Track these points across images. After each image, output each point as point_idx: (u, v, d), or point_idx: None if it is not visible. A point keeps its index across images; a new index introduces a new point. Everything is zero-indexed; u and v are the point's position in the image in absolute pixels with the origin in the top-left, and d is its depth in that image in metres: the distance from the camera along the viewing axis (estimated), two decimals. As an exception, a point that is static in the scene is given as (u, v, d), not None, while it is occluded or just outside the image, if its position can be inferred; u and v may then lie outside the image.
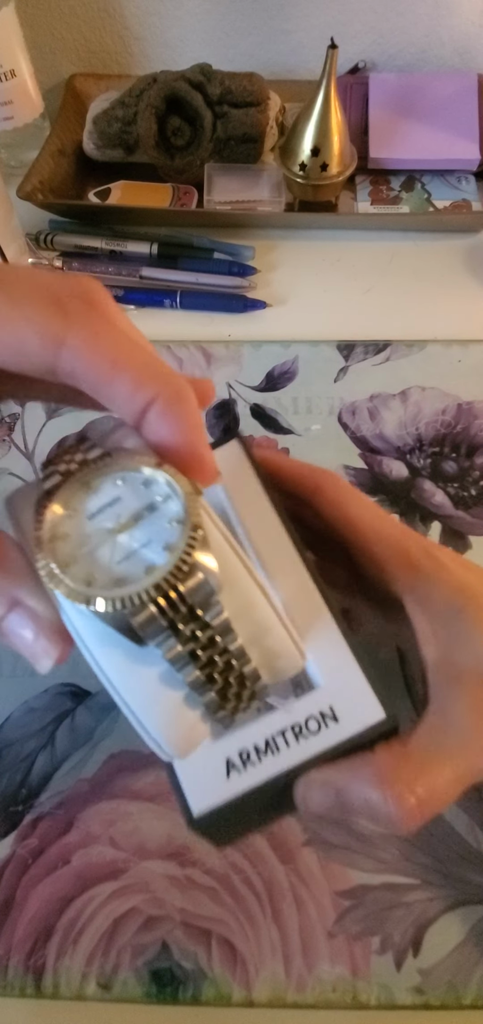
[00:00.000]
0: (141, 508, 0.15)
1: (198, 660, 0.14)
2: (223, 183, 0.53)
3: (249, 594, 0.15)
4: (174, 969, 0.26)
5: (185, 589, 0.14)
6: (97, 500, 0.15)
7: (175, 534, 0.14)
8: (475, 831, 0.28)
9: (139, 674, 0.15)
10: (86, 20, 0.59)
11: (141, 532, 0.14)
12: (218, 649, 0.14)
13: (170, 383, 0.15)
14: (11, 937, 0.27)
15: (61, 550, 0.14)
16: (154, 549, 0.14)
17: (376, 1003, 0.26)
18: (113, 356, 0.14)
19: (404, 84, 0.55)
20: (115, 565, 0.14)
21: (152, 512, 0.15)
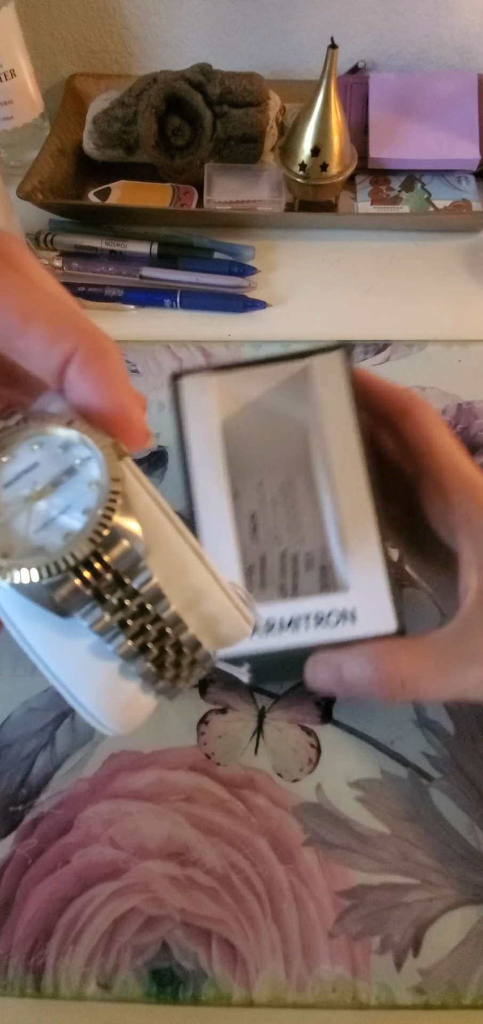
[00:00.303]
0: (59, 473, 0.14)
1: (128, 629, 0.13)
2: (223, 183, 0.53)
3: (181, 558, 0.14)
4: (174, 969, 0.26)
5: (108, 555, 0.13)
6: (13, 467, 0.14)
7: (94, 497, 0.13)
8: (475, 831, 0.28)
9: (69, 647, 0.14)
10: (86, 20, 0.59)
11: (60, 498, 0.14)
12: (150, 617, 0.14)
13: (89, 335, 0.14)
14: (11, 937, 0.27)
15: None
16: (73, 515, 0.13)
17: (376, 1003, 0.26)
18: (23, 307, 0.13)
19: (404, 84, 0.55)
20: (32, 534, 0.13)
21: (71, 476, 0.14)
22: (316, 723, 0.31)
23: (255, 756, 0.30)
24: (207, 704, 0.32)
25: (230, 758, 0.30)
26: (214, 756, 0.30)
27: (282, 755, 0.30)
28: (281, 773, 0.30)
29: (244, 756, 0.30)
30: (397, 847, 0.28)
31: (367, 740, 0.31)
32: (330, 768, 0.30)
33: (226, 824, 0.29)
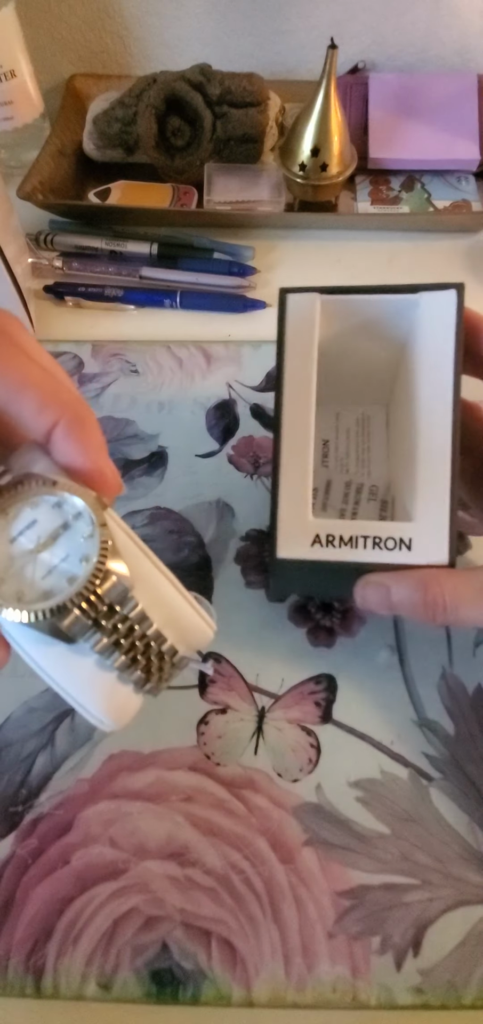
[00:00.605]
0: (56, 527, 0.17)
1: (121, 647, 0.17)
2: (223, 183, 0.53)
3: (159, 586, 0.18)
4: (174, 969, 0.26)
5: (103, 591, 0.16)
6: (16, 525, 0.17)
7: (89, 547, 0.17)
8: (475, 831, 0.28)
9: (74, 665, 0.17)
10: (86, 20, 0.59)
11: (59, 548, 0.17)
12: (137, 635, 0.17)
13: (72, 407, 0.17)
14: (11, 937, 0.27)
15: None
16: (72, 562, 0.17)
17: (376, 1003, 0.26)
18: (21, 378, 0.16)
19: (404, 84, 0.55)
20: (40, 580, 0.16)
21: (66, 530, 0.17)
22: (316, 723, 0.31)
23: (255, 756, 0.30)
24: (207, 704, 0.32)
25: (230, 758, 0.30)
26: (214, 756, 0.30)
27: (282, 755, 0.30)
28: (281, 773, 0.30)
29: (244, 756, 0.30)
30: (397, 847, 0.28)
31: (367, 740, 0.31)
32: (330, 768, 0.30)
33: (226, 824, 0.29)
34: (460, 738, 0.31)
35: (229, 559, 0.36)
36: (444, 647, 0.33)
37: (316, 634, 0.33)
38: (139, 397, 0.43)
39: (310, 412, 0.28)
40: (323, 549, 0.26)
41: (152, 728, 0.31)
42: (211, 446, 0.40)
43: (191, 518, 0.37)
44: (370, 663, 0.33)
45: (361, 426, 0.36)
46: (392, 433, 0.35)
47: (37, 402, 0.17)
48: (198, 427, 0.41)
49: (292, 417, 0.28)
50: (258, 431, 0.41)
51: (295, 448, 0.27)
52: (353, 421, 0.36)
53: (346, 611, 0.34)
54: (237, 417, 0.42)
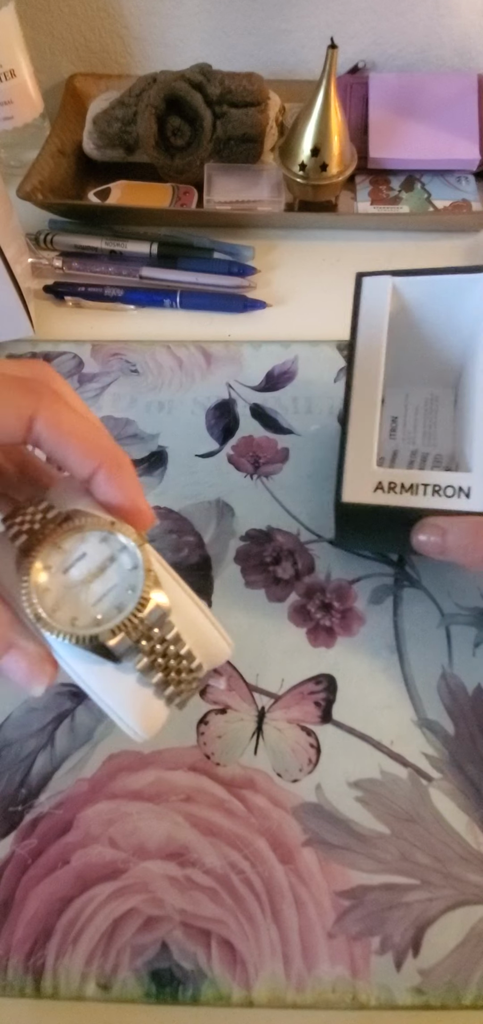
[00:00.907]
0: (104, 559, 0.19)
1: (159, 666, 0.19)
2: (223, 183, 0.53)
3: (188, 609, 0.20)
4: (174, 969, 0.26)
5: (146, 617, 0.18)
6: (68, 557, 0.19)
7: (134, 578, 0.19)
8: (475, 831, 0.28)
9: (117, 682, 0.19)
10: (86, 20, 0.59)
11: (108, 578, 0.19)
12: (172, 655, 0.19)
13: (111, 454, 0.20)
14: (10, 937, 0.27)
15: (47, 600, 0.18)
16: (119, 591, 0.19)
17: (376, 1003, 0.26)
18: (68, 429, 0.19)
19: (404, 84, 0.55)
20: (92, 607, 0.18)
21: (113, 562, 0.19)
22: (316, 723, 0.31)
23: (255, 756, 0.30)
24: (207, 704, 0.32)
25: (230, 758, 0.30)
26: (214, 756, 0.30)
27: (282, 755, 0.30)
28: (281, 773, 0.30)
29: (244, 756, 0.30)
30: (397, 847, 0.28)
31: (367, 740, 0.31)
32: (330, 768, 0.30)
33: (226, 824, 0.29)
34: (460, 738, 0.31)
35: (229, 559, 0.36)
36: (444, 647, 0.33)
37: (316, 634, 0.33)
38: (139, 397, 0.43)
39: (378, 375, 0.31)
40: (385, 495, 0.28)
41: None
42: (211, 446, 0.40)
43: (191, 518, 0.37)
44: (370, 663, 0.33)
45: (429, 405, 0.39)
46: (459, 411, 0.37)
47: (82, 450, 0.19)
48: (198, 427, 0.41)
49: (362, 378, 0.31)
50: (258, 431, 0.41)
51: (363, 406, 0.30)
52: (422, 401, 0.39)
53: (346, 611, 0.34)
54: (237, 417, 0.42)
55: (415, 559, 0.36)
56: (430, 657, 0.33)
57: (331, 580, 0.35)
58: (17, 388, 0.19)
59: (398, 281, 0.32)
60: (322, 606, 0.34)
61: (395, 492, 0.28)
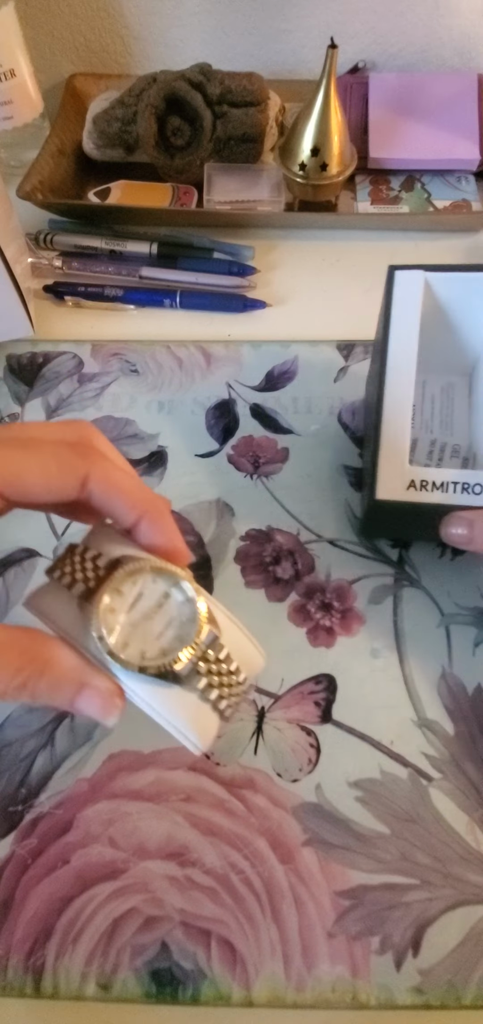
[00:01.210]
0: (160, 597, 0.21)
1: (215, 684, 0.21)
2: (223, 183, 0.53)
3: (231, 630, 0.22)
4: (174, 969, 0.26)
5: (207, 648, 0.20)
6: (128, 598, 0.21)
7: (188, 610, 0.21)
8: (475, 831, 0.28)
9: (180, 702, 0.21)
10: (86, 20, 0.58)
11: (165, 613, 0.21)
12: (225, 672, 0.21)
13: (152, 503, 0.22)
14: (10, 937, 0.27)
15: (117, 639, 0.20)
16: (178, 623, 0.21)
17: (376, 1003, 0.26)
18: (116, 485, 0.21)
19: (404, 84, 0.55)
20: (156, 640, 0.20)
21: (167, 598, 0.21)
22: (316, 723, 0.31)
23: (255, 756, 0.30)
24: (207, 704, 0.32)
25: (230, 758, 0.30)
26: (214, 756, 0.30)
27: (282, 755, 0.30)
28: (281, 773, 0.30)
29: (244, 756, 0.30)
30: (397, 847, 0.28)
31: (367, 740, 0.31)
32: (330, 768, 0.30)
33: (225, 824, 0.29)
34: (460, 738, 0.31)
35: (229, 559, 0.36)
36: (444, 647, 0.33)
37: (316, 634, 0.33)
38: (139, 397, 0.43)
39: (411, 375, 0.31)
40: (417, 492, 0.30)
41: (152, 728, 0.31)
42: (211, 446, 0.40)
43: (191, 517, 0.37)
44: (370, 663, 0.33)
45: (445, 393, 0.40)
46: (474, 400, 0.39)
47: (127, 503, 0.21)
48: (198, 427, 0.41)
49: (395, 379, 0.31)
50: (258, 431, 0.41)
51: (396, 406, 0.31)
52: (438, 389, 0.40)
53: (346, 611, 0.34)
54: (237, 417, 0.42)
55: (415, 558, 0.36)
56: (430, 657, 0.33)
57: (331, 580, 0.35)
58: (72, 453, 0.21)
59: (430, 277, 0.33)
60: (322, 606, 0.34)
61: (426, 490, 0.30)
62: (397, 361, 0.32)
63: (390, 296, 0.33)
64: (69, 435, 0.22)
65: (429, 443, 0.38)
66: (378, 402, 0.31)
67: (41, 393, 0.43)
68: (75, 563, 0.21)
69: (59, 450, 0.21)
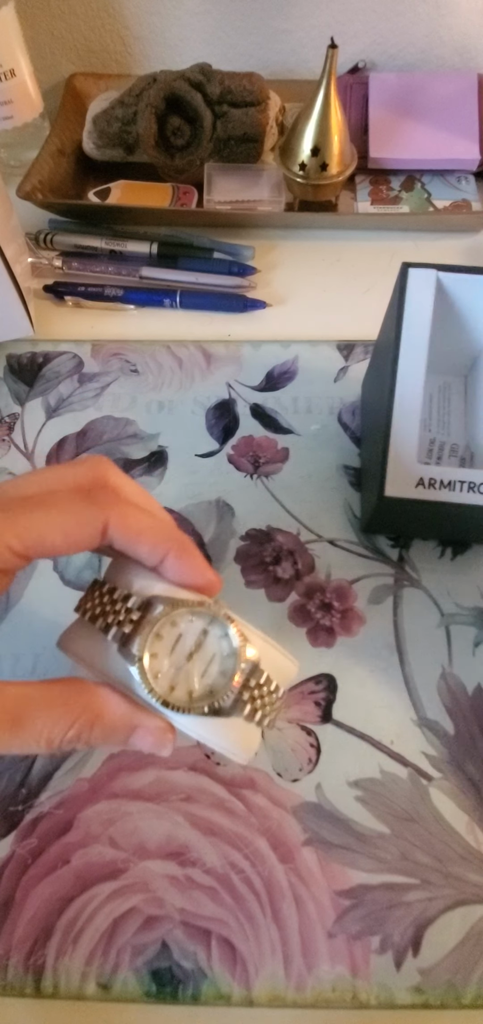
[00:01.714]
0: (199, 635, 0.21)
1: (259, 707, 0.21)
2: (223, 183, 0.53)
3: (272, 655, 0.22)
4: (174, 969, 0.26)
5: (249, 677, 0.21)
6: (169, 641, 0.21)
7: (228, 644, 0.21)
8: (475, 831, 0.28)
9: (227, 729, 0.21)
10: (86, 20, 0.58)
11: (206, 651, 0.21)
12: (266, 694, 0.22)
13: (176, 540, 0.21)
14: (11, 937, 0.27)
15: (163, 683, 0.21)
16: (219, 659, 0.21)
17: (376, 1003, 0.26)
18: (136, 528, 0.21)
19: (404, 84, 0.55)
20: (201, 679, 0.21)
21: (206, 635, 0.21)
22: (316, 723, 0.31)
23: (255, 756, 0.30)
24: (207, 704, 0.32)
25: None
26: (214, 756, 0.30)
27: (282, 755, 0.30)
28: (281, 773, 0.30)
29: (244, 756, 0.30)
30: (397, 847, 0.28)
31: (367, 740, 0.31)
32: (330, 768, 0.30)
33: (226, 824, 0.29)
34: (460, 738, 0.31)
35: (229, 558, 0.36)
36: (444, 647, 0.33)
37: (316, 634, 0.33)
38: (139, 397, 0.43)
39: (421, 373, 0.31)
40: (425, 490, 0.30)
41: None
42: (211, 446, 0.40)
43: (191, 517, 0.37)
44: (370, 663, 0.33)
45: (442, 393, 0.40)
46: (470, 400, 0.39)
47: (150, 544, 0.21)
48: (198, 427, 0.41)
49: (405, 377, 0.31)
50: (258, 431, 0.41)
51: (406, 403, 0.31)
52: (436, 388, 0.40)
53: (346, 611, 0.34)
54: (237, 417, 0.42)
55: (415, 558, 0.36)
56: (430, 657, 0.33)
57: (331, 580, 0.35)
58: (88, 504, 0.21)
59: (442, 276, 0.33)
60: (322, 606, 0.34)
61: (435, 488, 0.30)
62: (408, 359, 0.32)
63: (403, 294, 0.33)
64: (83, 477, 0.22)
65: (429, 442, 0.38)
66: (390, 396, 0.31)
67: (41, 393, 0.43)
68: (105, 604, 0.21)
69: (75, 504, 0.21)
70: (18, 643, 0.33)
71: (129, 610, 0.21)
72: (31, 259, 0.49)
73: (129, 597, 0.21)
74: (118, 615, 0.21)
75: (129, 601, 0.21)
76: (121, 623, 0.21)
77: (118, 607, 0.21)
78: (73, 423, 0.41)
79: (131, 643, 0.20)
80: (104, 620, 0.21)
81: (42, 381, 0.43)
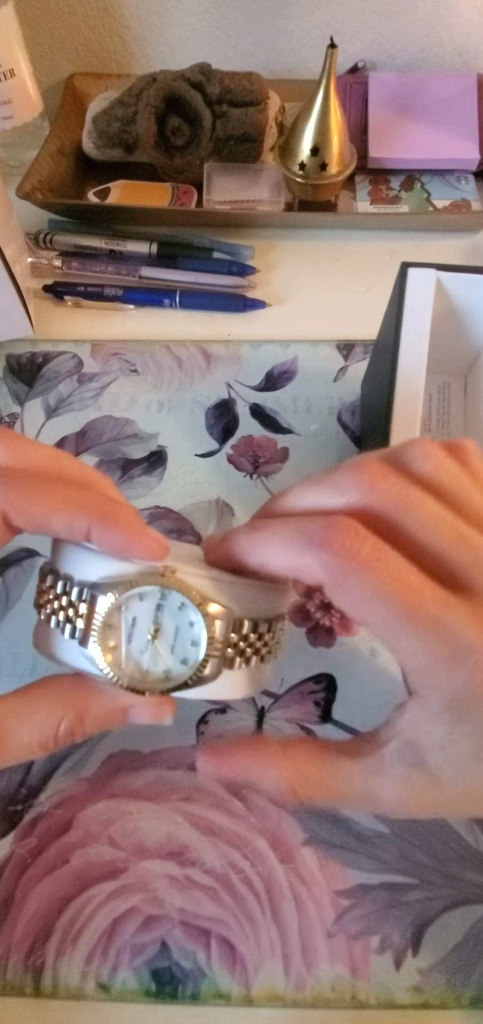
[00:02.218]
0: (153, 613, 0.19)
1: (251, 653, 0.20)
2: (222, 183, 0.53)
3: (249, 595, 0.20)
4: (173, 968, 0.26)
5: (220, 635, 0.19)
6: (123, 629, 0.19)
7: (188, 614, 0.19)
8: (475, 831, 0.28)
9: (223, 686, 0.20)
10: (86, 20, 0.58)
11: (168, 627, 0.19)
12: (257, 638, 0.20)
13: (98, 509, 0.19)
14: (10, 936, 0.27)
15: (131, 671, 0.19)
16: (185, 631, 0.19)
17: (375, 1002, 0.26)
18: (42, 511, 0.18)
19: (404, 84, 0.55)
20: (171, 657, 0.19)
21: (161, 610, 0.19)
22: (315, 723, 0.31)
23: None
24: (206, 704, 0.32)
25: (229, 758, 0.30)
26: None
27: (281, 755, 0.30)
28: (280, 773, 0.30)
29: (243, 756, 0.30)
30: (396, 846, 0.28)
31: (366, 740, 0.31)
32: (329, 768, 0.30)
33: (225, 824, 0.29)
34: (459, 737, 0.31)
35: (228, 559, 0.36)
36: (443, 647, 0.33)
37: (316, 634, 0.33)
38: (139, 397, 0.43)
39: (421, 373, 0.31)
40: None
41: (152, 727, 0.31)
42: (210, 445, 0.40)
43: (190, 517, 0.37)
44: (370, 663, 0.33)
45: (442, 393, 0.40)
46: (470, 400, 0.39)
47: (65, 522, 0.18)
48: (197, 427, 0.41)
49: (405, 377, 0.31)
50: (258, 430, 0.41)
51: (405, 404, 0.31)
52: (435, 388, 0.40)
53: (345, 611, 0.34)
54: (237, 417, 0.42)
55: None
56: (429, 657, 0.33)
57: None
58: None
59: (442, 276, 0.33)
60: (322, 606, 0.34)
61: None
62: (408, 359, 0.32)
63: (403, 294, 0.33)
64: None
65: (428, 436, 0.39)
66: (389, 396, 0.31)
67: (41, 393, 0.43)
68: (50, 599, 0.20)
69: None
70: (18, 642, 0.33)
71: (73, 603, 0.19)
72: (31, 259, 0.49)
73: (72, 588, 0.19)
74: (67, 611, 0.19)
75: (72, 593, 0.19)
76: (70, 619, 0.19)
77: (64, 601, 0.19)
78: (73, 423, 0.41)
79: (87, 640, 0.19)
80: (56, 617, 0.19)
81: (42, 381, 0.43)
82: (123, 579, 0.19)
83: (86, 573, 0.19)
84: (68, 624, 0.19)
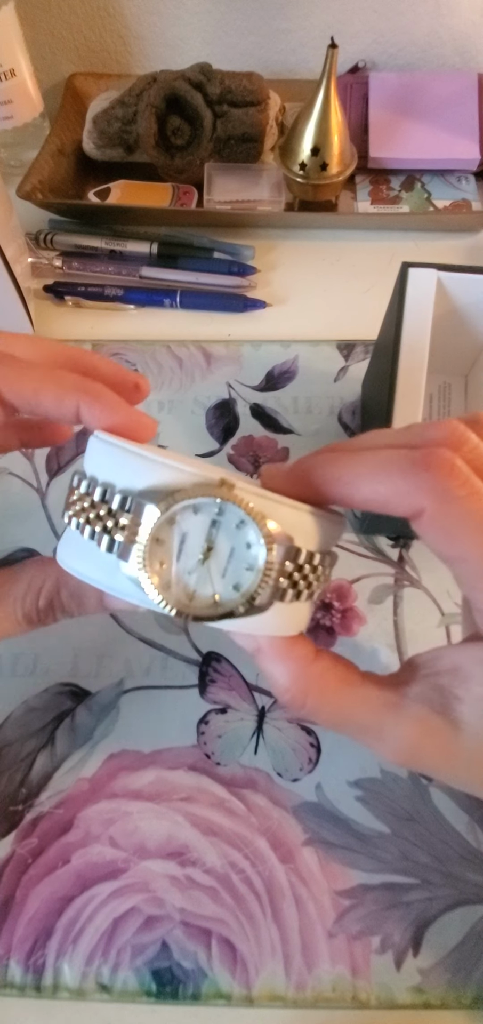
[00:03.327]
0: (207, 530, 0.17)
1: (302, 587, 0.18)
2: (223, 183, 0.53)
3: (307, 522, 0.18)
4: (174, 968, 0.26)
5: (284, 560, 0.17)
6: (172, 544, 0.17)
7: (246, 533, 0.17)
8: (475, 831, 0.28)
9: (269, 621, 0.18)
10: (86, 19, 0.58)
11: (221, 550, 0.17)
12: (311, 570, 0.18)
13: (86, 388, 0.19)
14: (11, 937, 0.27)
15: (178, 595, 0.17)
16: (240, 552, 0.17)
17: (376, 1002, 0.26)
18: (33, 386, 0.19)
19: (404, 83, 0.55)
20: (223, 580, 0.17)
21: (217, 529, 0.17)
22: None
23: (255, 756, 0.30)
24: (207, 704, 0.32)
25: (230, 758, 0.30)
26: (214, 756, 0.30)
27: (282, 754, 0.30)
28: (281, 773, 0.30)
29: (244, 756, 0.30)
30: (397, 847, 0.28)
31: (367, 740, 0.31)
32: (330, 768, 0.30)
33: (226, 824, 0.29)
34: (460, 738, 0.31)
35: (229, 559, 0.36)
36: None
37: (316, 634, 0.33)
38: (139, 397, 0.43)
39: (422, 373, 0.31)
40: None
41: (152, 727, 0.31)
42: (211, 445, 0.40)
43: (191, 518, 0.37)
44: (370, 663, 0.33)
45: (442, 393, 0.40)
46: (470, 401, 0.40)
47: (53, 398, 0.19)
48: (198, 426, 0.41)
49: (405, 377, 0.31)
50: (258, 430, 0.41)
51: (406, 404, 0.31)
52: (435, 388, 0.40)
53: (346, 611, 0.34)
54: (237, 417, 0.42)
55: (415, 558, 0.36)
56: (430, 657, 0.33)
57: (331, 580, 0.35)
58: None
59: (442, 276, 0.33)
60: (322, 606, 0.34)
61: None
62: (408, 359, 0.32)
63: (403, 294, 0.33)
64: None
65: None
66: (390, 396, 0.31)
67: (41, 393, 0.43)
68: (88, 505, 0.18)
69: None
70: (18, 642, 0.33)
71: (113, 513, 0.17)
72: (31, 259, 0.49)
73: (113, 496, 0.17)
74: (104, 521, 0.17)
75: (113, 501, 0.17)
76: (110, 530, 0.17)
77: (103, 511, 0.17)
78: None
79: (128, 554, 0.17)
80: (91, 528, 0.18)
81: (42, 381, 0.43)
82: (175, 488, 0.17)
83: (130, 481, 0.17)
84: (106, 535, 0.17)
